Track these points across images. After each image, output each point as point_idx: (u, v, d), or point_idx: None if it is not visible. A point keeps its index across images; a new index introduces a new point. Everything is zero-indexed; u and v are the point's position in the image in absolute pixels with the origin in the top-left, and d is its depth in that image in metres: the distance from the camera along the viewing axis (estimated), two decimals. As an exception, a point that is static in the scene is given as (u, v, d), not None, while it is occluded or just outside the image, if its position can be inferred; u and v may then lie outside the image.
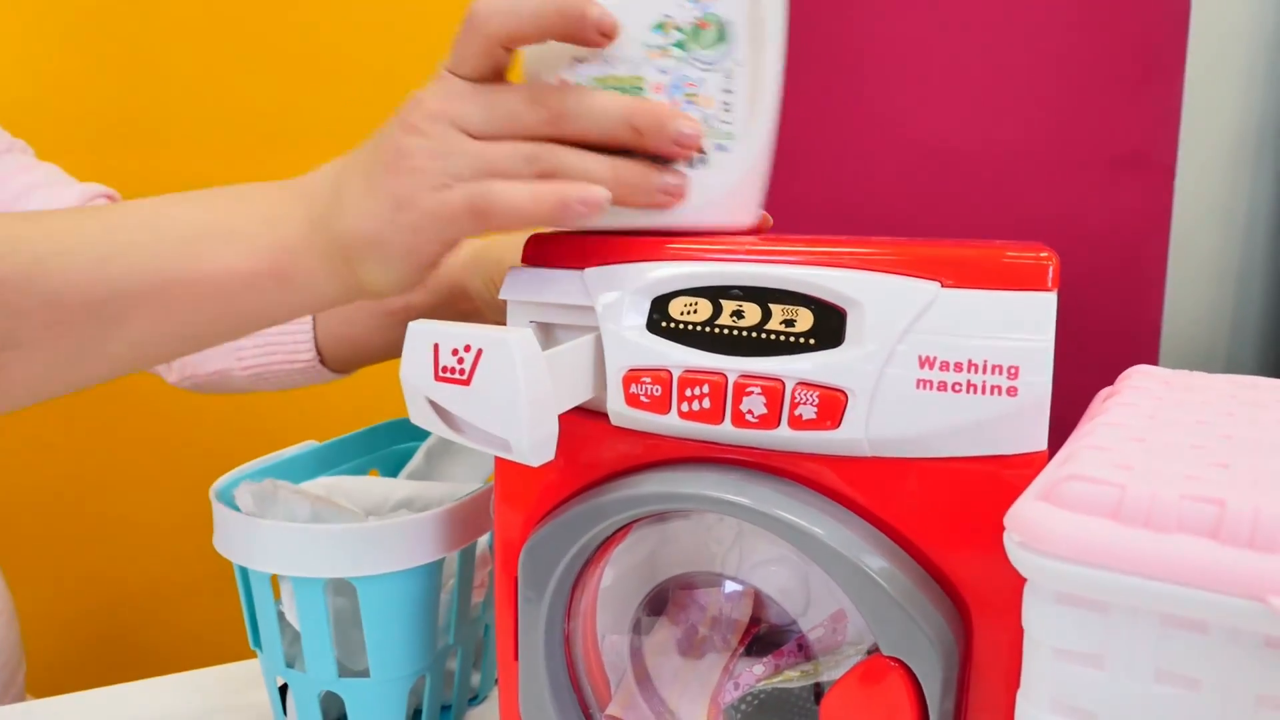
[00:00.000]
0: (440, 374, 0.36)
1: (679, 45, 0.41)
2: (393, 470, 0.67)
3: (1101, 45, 1.26)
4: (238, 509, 0.50)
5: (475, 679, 0.60)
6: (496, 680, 0.62)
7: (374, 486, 0.57)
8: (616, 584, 0.45)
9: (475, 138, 0.39)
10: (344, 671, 0.51)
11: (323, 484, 0.55)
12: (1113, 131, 1.33)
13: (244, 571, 0.51)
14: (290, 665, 0.52)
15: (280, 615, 0.51)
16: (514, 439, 0.35)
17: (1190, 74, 1.39)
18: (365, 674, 0.51)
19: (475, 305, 0.60)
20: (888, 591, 0.35)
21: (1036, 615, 0.29)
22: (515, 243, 0.59)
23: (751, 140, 0.42)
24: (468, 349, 0.35)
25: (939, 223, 1.17)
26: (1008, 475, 0.35)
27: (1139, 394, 0.38)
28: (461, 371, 0.35)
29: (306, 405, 0.93)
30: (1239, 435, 0.32)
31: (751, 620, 0.46)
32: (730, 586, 0.45)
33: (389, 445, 0.67)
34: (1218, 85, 1.67)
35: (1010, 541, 0.29)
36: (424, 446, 0.66)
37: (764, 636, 0.45)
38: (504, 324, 0.61)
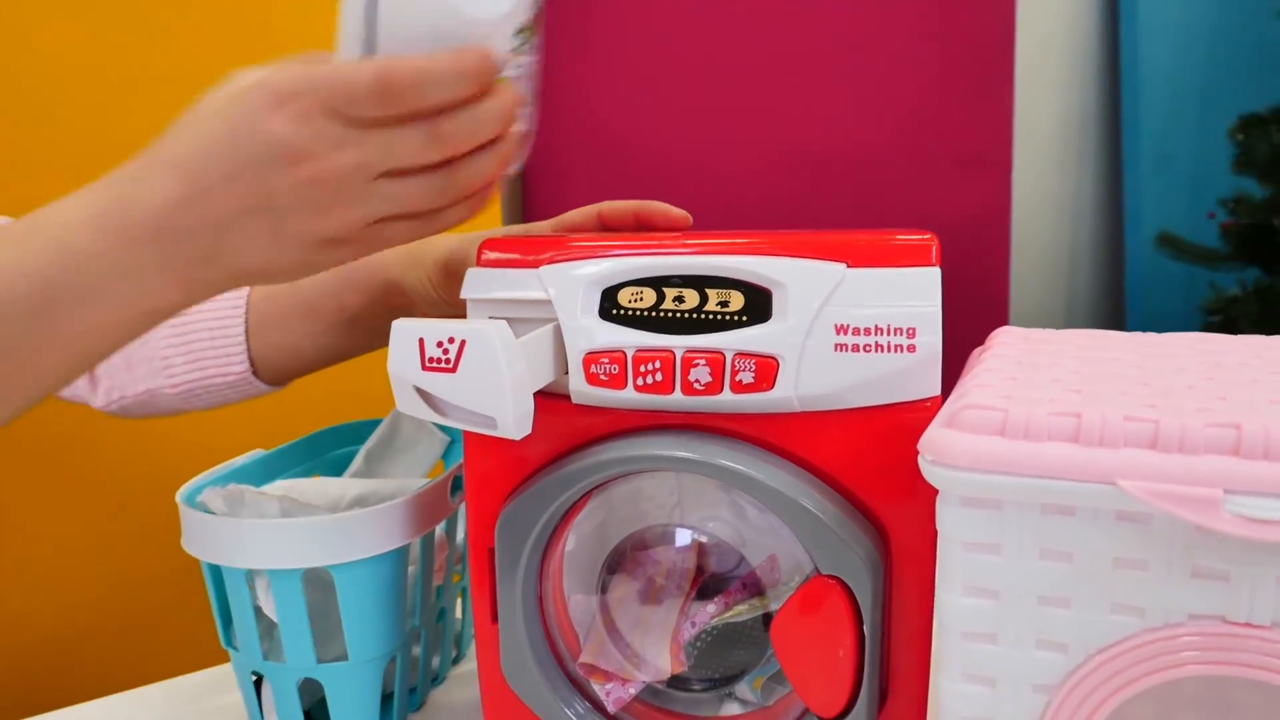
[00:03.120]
0: (427, 364, 0.41)
1: (522, 41, 0.44)
2: (334, 474, 0.70)
3: (940, 57, 1.40)
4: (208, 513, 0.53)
5: (435, 662, 0.64)
6: (454, 661, 0.67)
7: (328, 487, 0.61)
8: (578, 548, 0.51)
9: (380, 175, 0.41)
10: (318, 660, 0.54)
11: (280, 486, 0.59)
12: (955, 135, 1.48)
13: (216, 571, 0.54)
14: (264, 659, 0.55)
15: (255, 610, 0.54)
16: (499, 416, 0.40)
17: (1019, 81, 1.56)
18: (339, 660, 0.54)
19: (409, 300, 0.63)
20: (824, 521, 0.42)
21: (948, 518, 0.36)
22: (448, 240, 0.63)
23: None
24: (451, 341, 0.40)
25: (805, 219, 1.27)
26: (911, 417, 0.42)
27: (1007, 348, 0.47)
28: (447, 361, 0.40)
29: (231, 421, 0.94)
30: (1085, 370, 0.41)
31: (697, 570, 0.52)
32: (678, 540, 0.51)
33: (329, 451, 0.70)
34: (1043, 90, 1.86)
35: (924, 461, 0.36)
36: (363, 450, 0.70)
37: (709, 584, 0.52)
38: (439, 315, 0.65)
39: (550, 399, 0.47)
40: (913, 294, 0.42)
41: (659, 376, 0.44)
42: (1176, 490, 0.32)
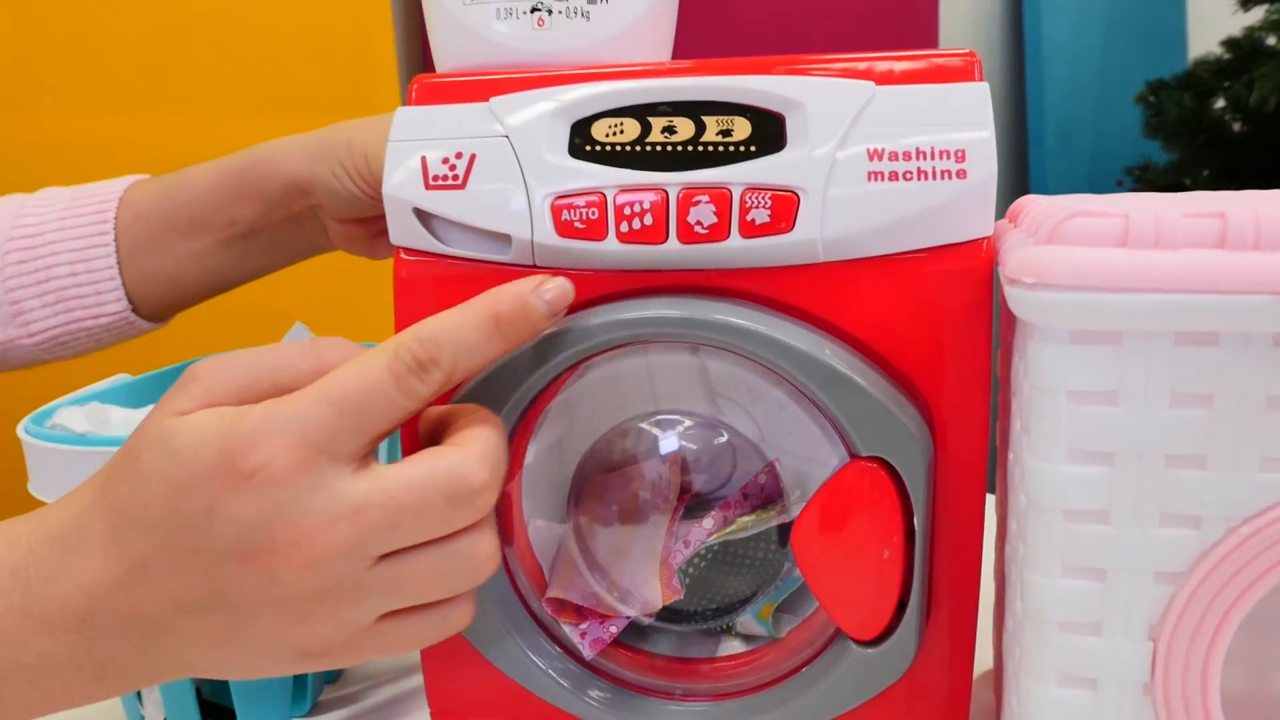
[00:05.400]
0: (432, 183, 0.36)
1: None
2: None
3: (871, 32, 1.39)
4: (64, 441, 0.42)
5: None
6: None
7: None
8: (538, 461, 0.41)
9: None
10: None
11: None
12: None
13: (71, 514, 0.43)
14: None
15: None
16: (515, 230, 0.35)
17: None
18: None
19: (316, 201, 0.53)
20: (864, 387, 0.33)
21: (1049, 361, 0.28)
22: (364, 123, 0.53)
23: None
24: (459, 155, 0.36)
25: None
26: (959, 264, 0.34)
27: (1052, 200, 0.39)
28: (455, 177, 0.36)
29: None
30: (1184, 198, 0.33)
31: (681, 488, 0.43)
32: (662, 445, 0.42)
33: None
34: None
35: (1017, 290, 0.28)
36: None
37: (694, 502, 0.43)
38: (352, 219, 0.55)
39: (505, 267, 0.37)
40: (959, 114, 0.34)
41: (648, 220, 0.35)
42: (1366, 294, 0.25)
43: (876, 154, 0.34)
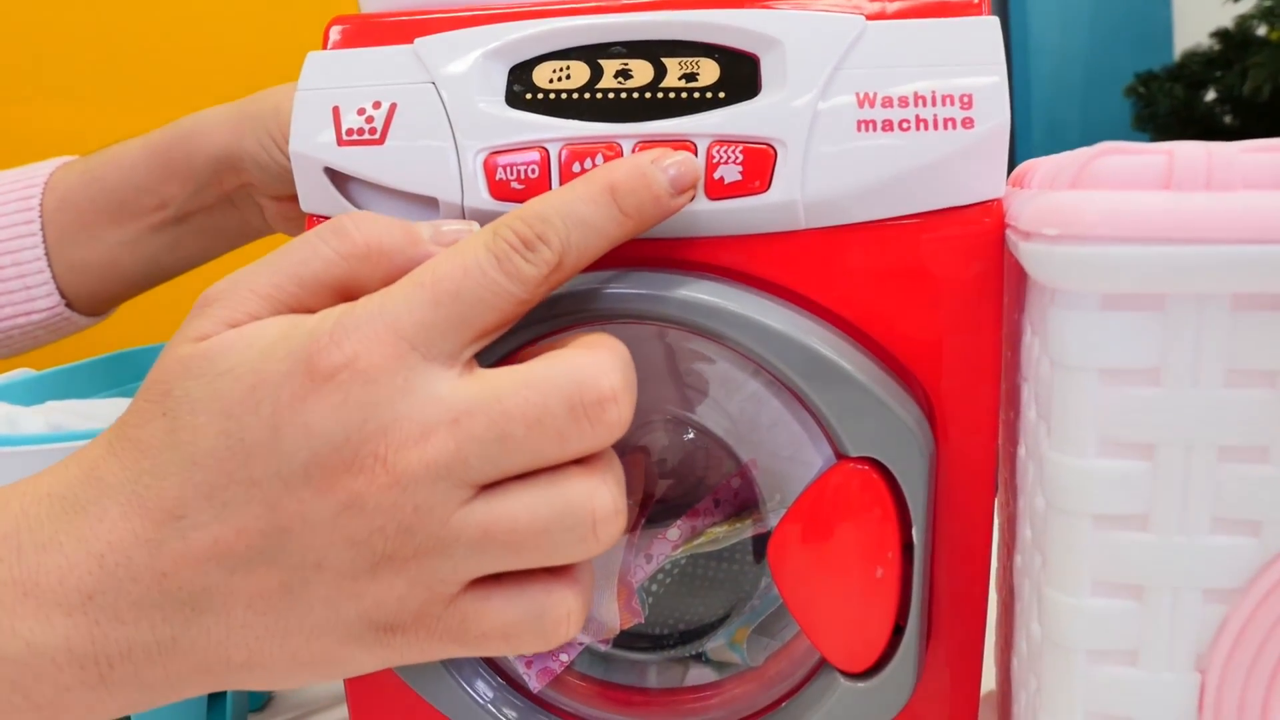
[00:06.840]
0: (345, 138, 0.31)
1: None
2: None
3: None
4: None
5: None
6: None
7: (121, 408, 0.44)
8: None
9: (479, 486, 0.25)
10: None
11: (50, 407, 0.42)
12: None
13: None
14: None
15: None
16: (442, 193, 0.30)
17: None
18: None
19: (247, 179, 0.49)
20: (854, 377, 0.28)
21: (1076, 333, 0.23)
22: (295, 87, 0.49)
23: None
24: (377, 105, 0.31)
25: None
26: (965, 230, 0.29)
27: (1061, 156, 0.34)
28: (373, 131, 0.31)
29: None
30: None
31: (644, 494, 0.38)
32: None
33: (127, 381, 0.53)
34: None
35: (1036, 245, 0.23)
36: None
37: (659, 509, 0.38)
38: (288, 196, 0.50)
39: (435, 237, 0.32)
40: (964, 53, 0.29)
41: (600, 179, 0.29)
42: None
43: (867, 100, 0.29)
